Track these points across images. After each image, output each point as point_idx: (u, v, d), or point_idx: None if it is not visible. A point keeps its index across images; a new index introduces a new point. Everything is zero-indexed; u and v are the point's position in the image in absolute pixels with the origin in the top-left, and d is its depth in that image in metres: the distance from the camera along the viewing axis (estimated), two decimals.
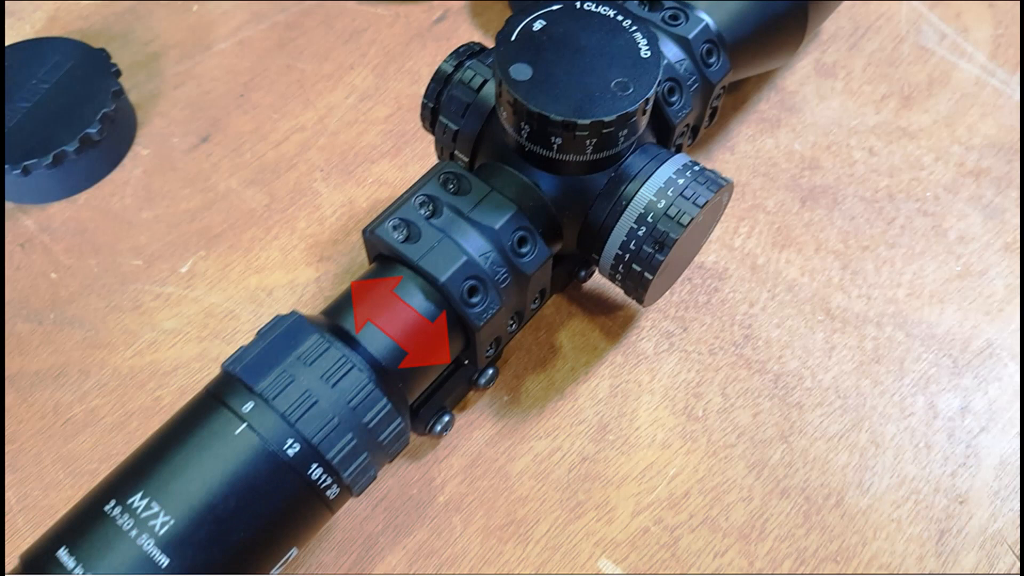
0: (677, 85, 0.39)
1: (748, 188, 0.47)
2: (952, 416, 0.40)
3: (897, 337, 0.42)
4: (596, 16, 0.35)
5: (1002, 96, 0.50)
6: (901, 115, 0.49)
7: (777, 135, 0.48)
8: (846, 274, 0.44)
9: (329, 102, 0.50)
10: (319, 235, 0.46)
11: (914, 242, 0.45)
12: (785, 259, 0.44)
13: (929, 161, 0.47)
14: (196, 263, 0.45)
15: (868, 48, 0.52)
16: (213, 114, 0.50)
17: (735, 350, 0.42)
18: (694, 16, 0.40)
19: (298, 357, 0.31)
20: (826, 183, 0.47)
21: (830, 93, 0.50)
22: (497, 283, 0.34)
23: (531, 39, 0.34)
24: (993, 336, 0.42)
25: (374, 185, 0.47)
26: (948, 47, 0.52)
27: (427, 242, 0.34)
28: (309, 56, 0.52)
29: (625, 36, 0.35)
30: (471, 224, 0.34)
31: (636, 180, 0.36)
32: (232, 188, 0.47)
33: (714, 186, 0.36)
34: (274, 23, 0.54)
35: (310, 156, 0.48)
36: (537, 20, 0.35)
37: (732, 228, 0.45)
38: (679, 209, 0.35)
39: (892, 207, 0.46)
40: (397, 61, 0.52)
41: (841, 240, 0.45)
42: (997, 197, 0.46)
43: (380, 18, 0.54)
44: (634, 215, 0.35)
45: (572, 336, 0.42)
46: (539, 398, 0.41)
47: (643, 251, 0.36)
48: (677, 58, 0.39)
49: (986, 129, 0.49)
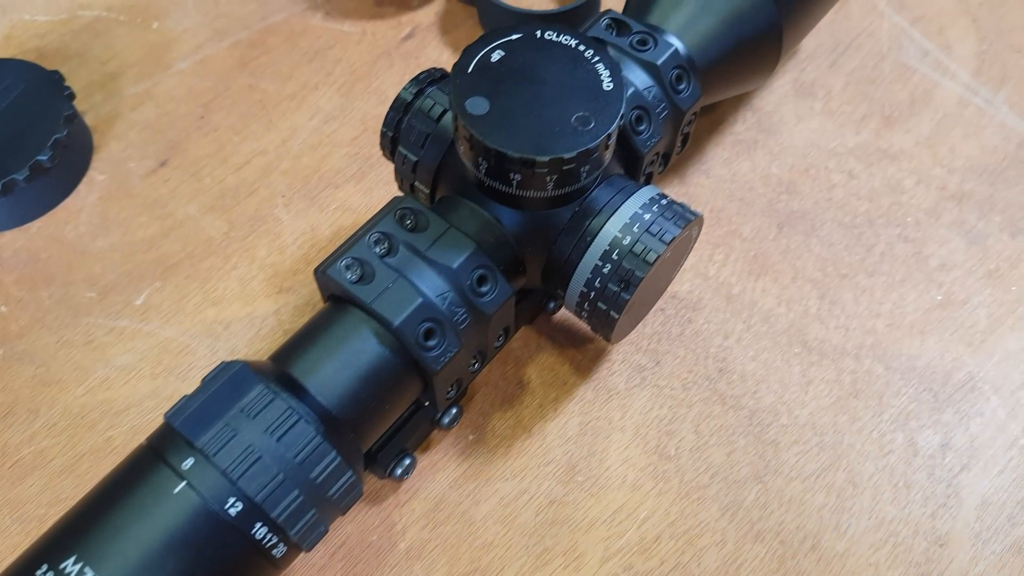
0: (645, 113, 0.37)
1: (723, 213, 0.45)
2: (932, 454, 0.39)
3: (876, 370, 0.41)
4: (557, 46, 0.33)
5: (985, 115, 0.49)
6: (882, 136, 0.48)
7: (754, 158, 0.47)
8: (824, 304, 0.42)
9: (292, 123, 0.49)
10: (279, 264, 0.44)
11: (894, 270, 0.43)
12: (761, 288, 0.43)
13: (910, 184, 0.46)
14: (151, 295, 0.43)
15: (848, 66, 0.50)
16: (172, 137, 0.48)
17: (709, 385, 0.40)
18: (663, 41, 0.38)
19: (241, 409, 0.30)
20: (804, 208, 0.45)
21: (808, 113, 0.48)
22: (456, 324, 0.33)
23: (489, 71, 0.33)
24: (975, 369, 0.41)
25: (338, 211, 0.46)
26: (931, 64, 0.50)
27: (381, 283, 0.32)
28: (272, 75, 0.51)
29: (587, 67, 0.33)
30: (428, 263, 0.33)
31: (601, 215, 0.35)
32: (190, 215, 0.46)
33: (682, 221, 0.34)
34: (236, 41, 0.52)
35: (272, 181, 0.47)
36: (495, 51, 0.33)
37: (707, 255, 0.44)
38: (645, 246, 0.34)
39: (872, 233, 0.44)
40: (363, 80, 0.50)
41: (819, 268, 0.43)
42: (980, 222, 0.45)
43: (346, 36, 0.52)
44: (599, 252, 0.34)
45: (541, 371, 0.41)
46: (506, 437, 0.39)
47: (608, 289, 0.34)
48: (645, 85, 0.38)
49: (969, 150, 0.47)
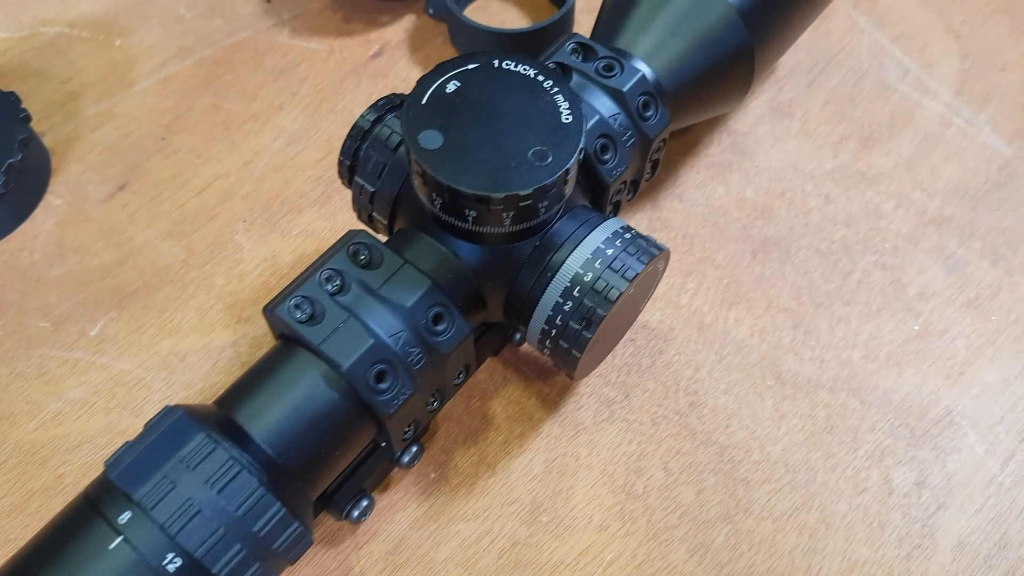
0: (611, 141, 0.36)
1: (696, 239, 0.44)
2: (908, 492, 0.37)
3: (851, 404, 0.39)
4: (515, 76, 0.32)
5: (967, 136, 0.47)
6: (860, 158, 0.47)
7: (728, 181, 0.46)
8: (798, 334, 0.41)
9: (256, 145, 0.48)
10: (238, 293, 0.43)
11: (871, 299, 0.42)
12: (734, 318, 0.42)
13: (889, 209, 0.45)
14: (107, 325, 0.42)
15: (827, 85, 0.49)
16: (132, 159, 0.47)
17: (679, 419, 0.39)
18: (630, 67, 0.37)
19: (181, 460, 0.28)
20: (779, 234, 0.44)
21: (785, 134, 0.47)
22: (410, 365, 0.31)
23: (444, 102, 0.31)
24: (953, 402, 0.40)
25: (300, 237, 0.44)
26: (911, 83, 0.49)
27: (331, 323, 0.31)
28: (236, 95, 0.49)
29: (545, 98, 0.32)
30: (381, 302, 0.31)
31: (563, 249, 0.33)
32: (148, 241, 0.44)
33: (646, 256, 0.33)
34: (201, 59, 0.51)
35: (233, 205, 0.45)
36: (451, 81, 0.32)
37: (679, 283, 0.43)
38: (607, 283, 0.32)
39: (848, 260, 0.43)
40: (330, 100, 0.49)
41: (793, 297, 0.42)
42: (960, 248, 0.44)
43: (313, 54, 0.51)
44: (559, 288, 0.33)
45: (506, 405, 0.40)
46: (469, 475, 0.38)
47: (569, 327, 0.33)
48: (611, 112, 0.36)
49: (950, 172, 0.46)
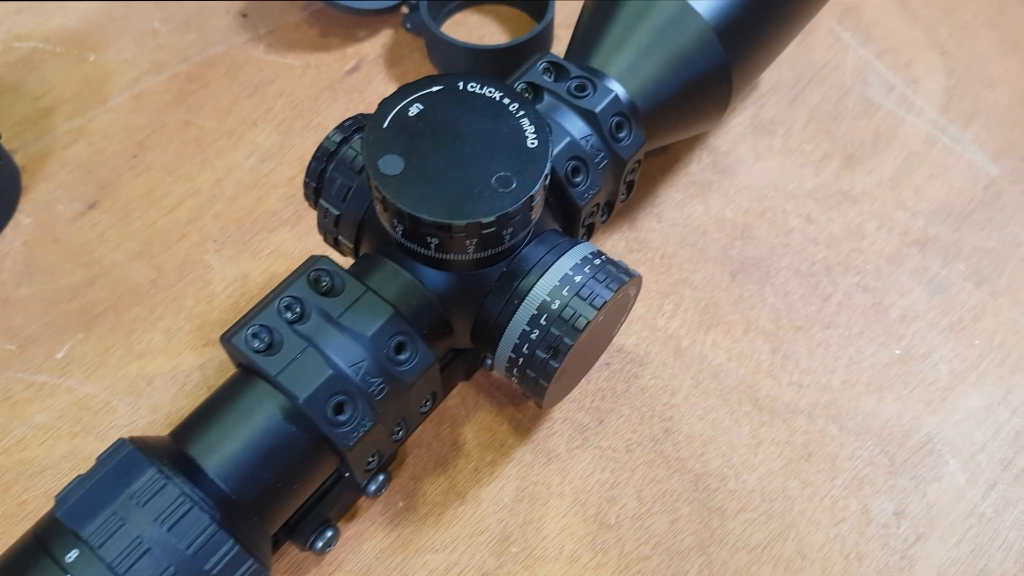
0: (582, 164, 0.35)
1: (675, 260, 0.43)
2: (886, 522, 0.37)
3: (830, 431, 0.39)
4: (480, 99, 0.31)
5: (952, 154, 0.47)
6: (843, 176, 0.46)
7: (708, 200, 0.45)
8: (776, 358, 0.40)
9: (228, 162, 0.47)
10: (207, 315, 0.42)
11: (852, 322, 0.41)
12: (711, 341, 0.41)
13: (871, 229, 0.44)
14: (74, 347, 0.41)
15: (810, 101, 0.48)
16: (103, 177, 0.46)
17: (654, 446, 0.38)
18: (602, 87, 0.36)
19: (131, 496, 0.28)
20: (759, 254, 0.43)
21: (767, 152, 0.46)
22: (371, 396, 0.31)
23: (405, 126, 0.31)
24: (934, 429, 0.39)
25: (271, 257, 0.44)
26: (896, 100, 0.48)
27: (288, 353, 0.30)
28: (210, 111, 0.49)
29: (511, 122, 0.31)
30: (341, 330, 0.31)
31: (531, 275, 0.33)
32: (117, 261, 0.44)
33: (615, 283, 0.32)
34: (175, 74, 0.50)
35: (204, 224, 0.45)
36: (413, 104, 0.31)
37: (656, 306, 0.42)
38: (574, 311, 0.31)
39: (829, 281, 0.42)
40: (304, 116, 0.48)
41: (772, 319, 0.41)
42: (943, 270, 0.43)
43: (289, 69, 0.50)
44: (526, 317, 0.32)
45: (478, 431, 0.39)
46: (438, 504, 0.37)
47: (536, 356, 0.32)
48: (582, 134, 0.36)
49: (934, 191, 0.45)
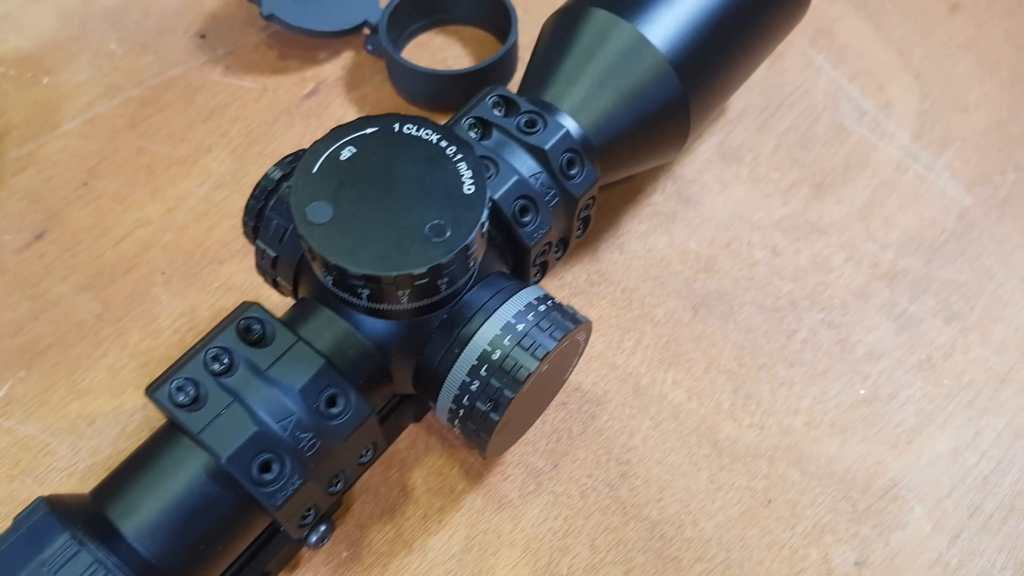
0: (531, 203, 0.34)
1: (636, 294, 0.42)
2: (847, 572, 0.35)
3: (791, 475, 0.37)
4: (416, 142, 0.30)
5: (924, 182, 0.45)
6: (811, 206, 0.44)
7: (672, 231, 0.44)
8: (738, 398, 0.39)
9: (180, 191, 0.45)
10: (153, 351, 0.41)
11: (816, 359, 0.40)
12: (672, 379, 0.40)
13: (839, 262, 0.43)
14: (15, 386, 0.40)
15: (779, 127, 0.47)
16: (52, 206, 0.45)
17: (609, 492, 0.37)
18: (553, 123, 0.35)
19: (42, 563, 0.26)
20: (722, 288, 0.42)
21: (733, 181, 0.45)
22: (301, 452, 0.29)
23: (337, 171, 0.29)
24: (899, 473, 0.37)
25: (220, 290, 0.42)
26: (868, 125, 0.47)
27: (213, 408, 0.29)
28: (164, 137, 0.47)
29: (447, 167, 0.30)
30: (269, 384, 0.29)
31: (473, 321, 0.31)
32: (64, 294, 0.42)
33: (559, 332, 0.31)
34: (128, 98, 0.49)
35: (152, 256, 0.43)
36: (346, 147, 0.30)
37: (616, 342, 0.41)
38: (516, 362, 0.30)
39: (794, 317, 0.41)
40: (260, 142, 0.47)
41: (735, 357, 0.40)
42: (912, 305, 0.41)
43: (246, 92, 0.49)
44: (466, 367, 0.31)
45: (427, 475, 0.38)
46: (383, 553, 0.36)
47: (476, 409, 0.31)
48: (532, 172, 0.34)
49: (905, 222, 0.44)
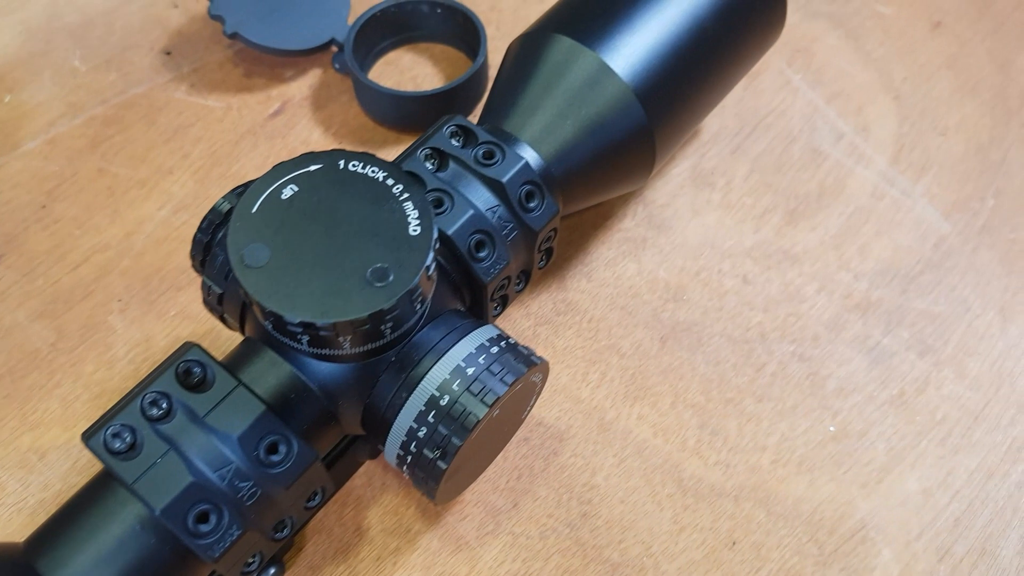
0: (488, 237, 0.33)
1: (603, 324, 0.41)
2: None
3: (757, 516, 0.36)
4: (361, 180, 0.29)
5: (901, 209, 0.44)
6: (784, 233, 0.43)
7: (641, 258, 0.43)
8: (704, 434, 0.38)
9: (140, 214, 0.44)
10: (107, 382, 0.40)
11: (786, 394, 0.39)
12: (637, 414, 0.39)
13: (811, 292, 0.42)
14: None
15: (754, 150, 0.46)
16: (9, 230, 0.44)
17: (570, 532, 0.36)
18: (512, 154, 0.34)
19: None
20: (691, 319, 0.41)
21: (705, 207, 0.44)
22: (240, 502, 0.28)
23: (277, 211, 0.28)
24: (867, 515, 0.36)
25: (176, 319, 0.41)
26: (845, 149, 0.46)
27: (148, 457, 0.28)
28: (125, 158, 0.46)
29: (393, 206, 0.29)
30: (207, 431, 0.28)
31: (422, 364, 0.30)
32: (18, 322, 0.41)
33: (511, 376, 0.30)
34: (91, 117, 0.48)
35: (110, 282, 0.42)
36: (288, 186, 0.29)
37: (581, 374, 0.40)
38: (464, 408, 0.29)
39: (764, 349, 0.40)
40: (222, 164, 0.46)
41: (702, 391, 0.39)
42: (886, 338, 0.40)
43: (209, 112, 0.48)
44: (413, 412, 0.30)
45: (383, 515, 0.37)
46: None
47: (424, 456, 0.30)
48: (489, 205, 0.33)
49: (880, 251, 0.43)
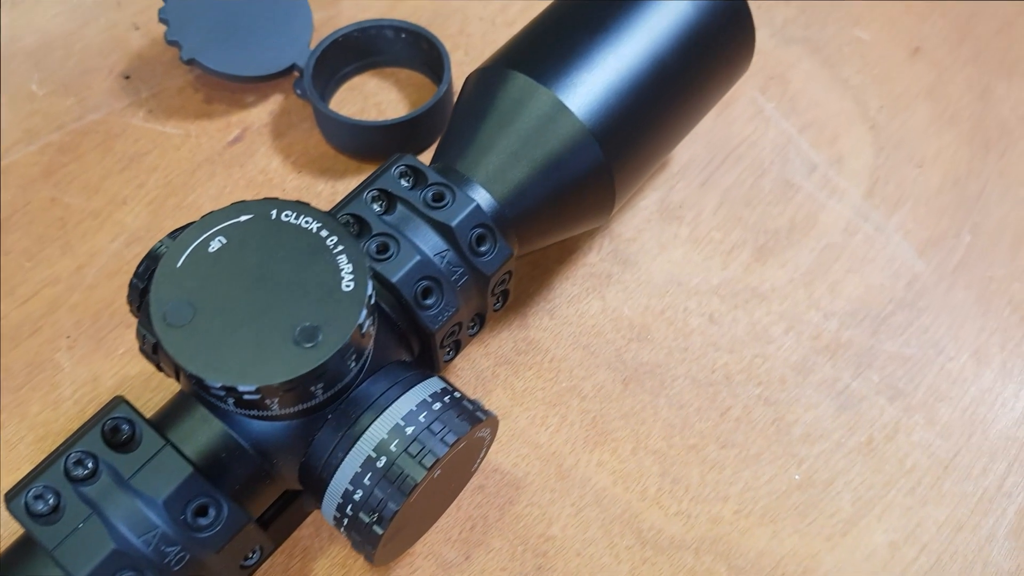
0: (436, 284, 0.32)
1: (565, 364, 0.40)
2: None
3: (718, 570, 0.35)
4: (294, 231, 0.28)
5: (874, 245, 0.43)
6: (752, 270, 0.42)
7: (605, 295, 0.41)
8: (665, 482, 0.37)
9: (92, 246, 0.43)
10: (51, 423, 0.39)
11: (750, 440, 0.38)
12: (597, 460, 0.37)
13: (779, 332, 0.40)
14: None
15: (724, 182, 0.45)
16: None
17: None
18: (462, 196, 0.33)
19: None
20: (655, 360, 0.40)
21: (672, 242, 0.43)
22: (167, 567, 0.27)
23: (203, 265, 0.27)
24: (832, 569, 0.35)
25: (125, 357, 0.40)
26: (817, 181, 0.45)
27: (70, 522, 0.27)
28: (79, 187, 0.45)
29: (326, 259, 0.27)
30: (132, 495, 0.27)
31: (361, 421, 0.29)
32: None
33: (453, 436, 0.29)
34: (46, 144, 0.46)
35: (58, 317, 0.41)
36: (216, 238, 0.28)
37: (540, 418, 0.38)
38: (402, 471, 0.28)
39: (729, 392, 0.39)
40: (178, 194, 0.45)
41: (664, 436, 0.38)
42: (855, 381, 0.39)
43: (167, 139, 0.47)
44: (349, 474, 0.28)
45: (330, 567, 0.35)
46: None
47: (359, 519, 0.28)
48: (437, 250, 0.32)
49: (851, 289, 0.42)
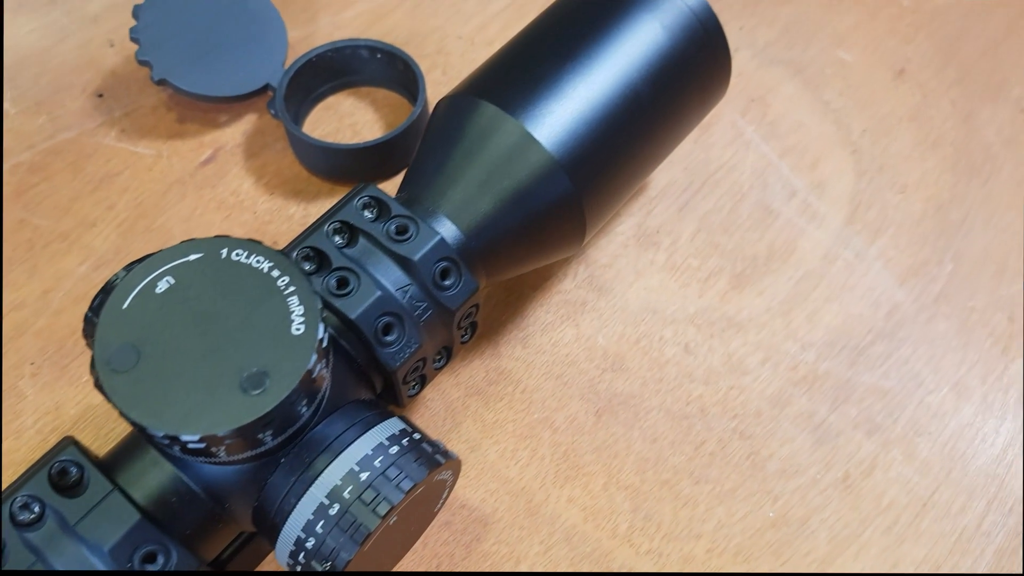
0: (397, 320, 0.31)
1: (537, 395, 0.39)
2: None
3: None
4: (244, 271, 0.27)
5: (854, 274, 0.42)
6: (729, 299, 0.41)
7: (580, 323, 0.41)
8: (637, 519, 0.36)
9: (59, 270, 0.42)
10: (13, 453, 0.38)
11: (724, 475, 0.37)
12: (567, 497, 0.37)
13: (755, 363, 0.40)
14: None
15: (702, 207, 0.44)
16: None
17: None
18: (426, 229, 0.32)
19: None
20: (629, 391, 0.39)
21: (648, 268, 0.42)
22: None
23: (150, 306, 0.26)
24: None
25: (88, 384, 0.39)
26: (797, 207, 0.44)
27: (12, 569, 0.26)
28: (48, 208, 0.44)
29: (276, 302, 0.27)
30: (77, 542, 0.26)
31: (315, 465, 0.28)
32: None
33: (409, 482, 0.28)
34: (17, 164, 0.46)
35: (23, 344, 0.40)
36: (164, 278, 0.27)
37: (510, 452, 0.38)
38: (355, 519, 0.27)
39: (703, 425, 0.38)
40: (148, 216, 0.44)
41: (637, 471, 0.37)
42: (832, 415, 0.38)
43: (139, 159, 0.46)
44: (302, 521, 0.28)
45: None
46: None
47: (312, 568, 0.28)
48: (399, 285, 0.31)
49: (830, 319, 0.41)
